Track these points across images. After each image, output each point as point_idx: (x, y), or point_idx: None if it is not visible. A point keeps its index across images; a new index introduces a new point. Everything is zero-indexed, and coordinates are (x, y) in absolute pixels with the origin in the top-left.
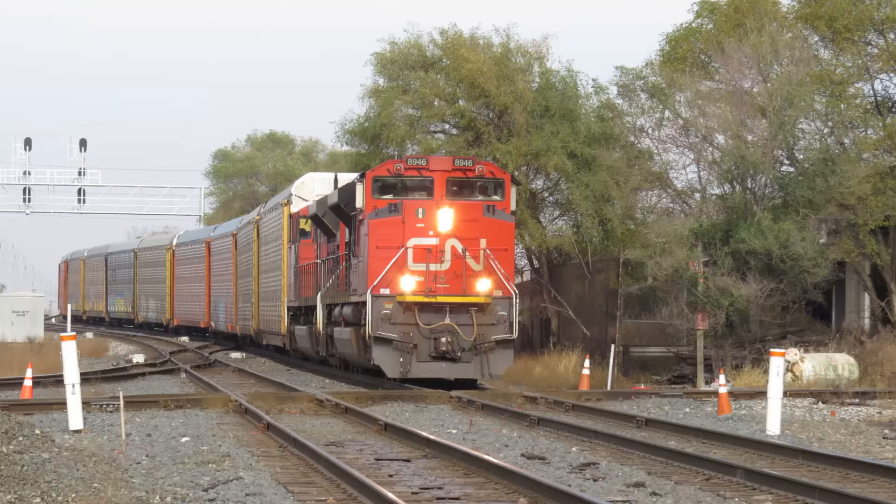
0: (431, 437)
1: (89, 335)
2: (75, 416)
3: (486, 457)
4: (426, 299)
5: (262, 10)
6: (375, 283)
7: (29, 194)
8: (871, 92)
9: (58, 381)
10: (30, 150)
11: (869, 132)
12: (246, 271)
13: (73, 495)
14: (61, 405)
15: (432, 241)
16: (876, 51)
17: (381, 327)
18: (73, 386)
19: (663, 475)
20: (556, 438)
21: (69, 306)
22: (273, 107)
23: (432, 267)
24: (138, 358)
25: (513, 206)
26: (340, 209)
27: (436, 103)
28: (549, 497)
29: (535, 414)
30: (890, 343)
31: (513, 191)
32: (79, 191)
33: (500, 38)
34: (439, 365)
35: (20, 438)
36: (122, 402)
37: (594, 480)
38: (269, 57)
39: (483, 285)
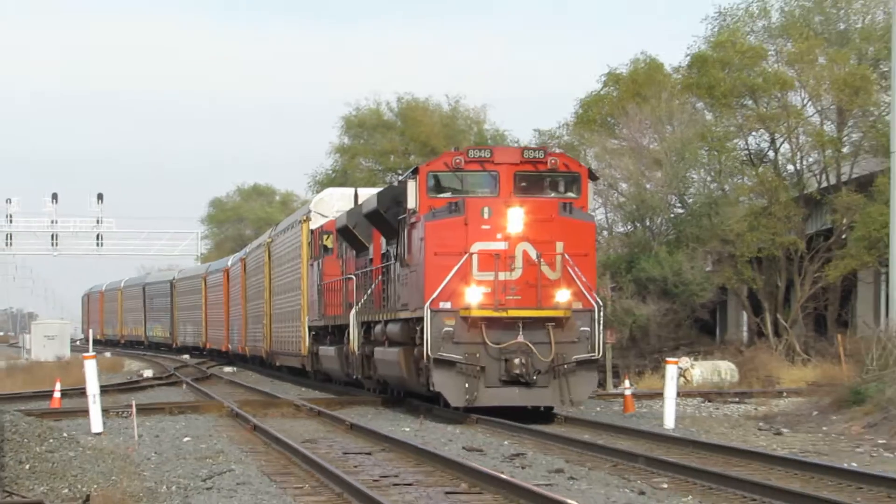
0: (389, 434)
1: (108, 354)
2: (96, 422)
3: (433, 450)
4: (495, 314)
5: (248, 79)
6: (434, 296)
7: (56, 240)
8: (746, 146)
9: (81, 392)
10: (56, 203)
11: (744, 180)
12: (256, 293)
13: (95, 486)
14: (85, 412)
15: (501, 246)
16: (749, 112)
17: (442, 347)
18: (94, 396)
19: (579, 463)
20: (491, 434)
21: (90, 331)
22: (258, 164)
23: (501, 276)
24: (148, 373)
25: (591, 204)
26: (380, 216)
27: (392, 158)
28: (486, 482)
29: (474, 415)
30: (763, 352)
31: (590, 186)
32: (97, 236)
33: (448, 104)
34: (511, 391)
35: (51, 440)
36: (134, 410)
37: (522, 468)
38: (256, 122)
39: (562, 296)
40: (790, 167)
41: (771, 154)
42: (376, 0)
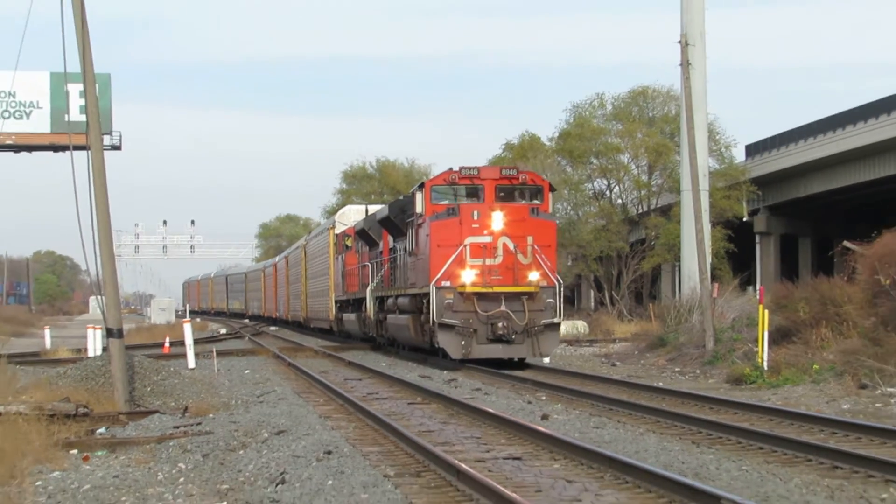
0: (373, 367)
1: (198, 320)
2: (191, 361)
3: (400, 377)
4: (484, 289)
5: (286, 146)
6: (438, 277)
7: (166, 250)
8: (592, 188)
9: (182, 343)
10: (166, 225)
11: (591, 208)
12: (296, 279)
13: (190, 401)
14: (183, 355)
15: (487, 239)
16: (595, 167)
17: (444, 315)
18: (190, 345)
19: (490, 384)
20: (436, 367)
21: (187, 305)
22: (291, 194)
23: (487, 261)
24: (223, 331)
25: (551, 209)
26: (389, 221)
27: (372, 197)
28: (433, 397)
29: (425, 356)
30: (604, 315)
31: (551, 195)
32: (191, 247)
33: (407, 163)
34: (496, 346)
35: (163, 373)
36: (214, 353)
37: (455, 388)
38: (288, 180)
39: (532, 276)
40: (619, 200)
41: (608, 193)
42: (363, 101)
